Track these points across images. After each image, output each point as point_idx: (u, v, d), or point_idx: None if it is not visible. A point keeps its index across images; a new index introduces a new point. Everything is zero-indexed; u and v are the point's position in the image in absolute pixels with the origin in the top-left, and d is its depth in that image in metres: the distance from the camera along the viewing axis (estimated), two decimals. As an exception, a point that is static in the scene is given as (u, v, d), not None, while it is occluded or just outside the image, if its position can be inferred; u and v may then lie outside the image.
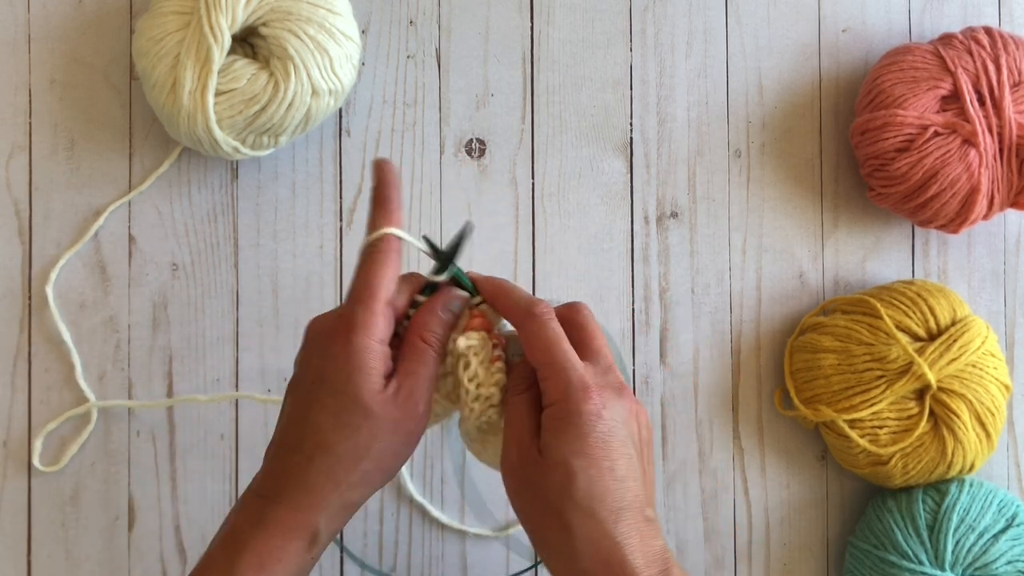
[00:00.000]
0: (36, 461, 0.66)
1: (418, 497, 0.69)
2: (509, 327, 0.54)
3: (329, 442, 0.49)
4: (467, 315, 0.53)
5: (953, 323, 0.68)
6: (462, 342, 0.52)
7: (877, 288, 0.72)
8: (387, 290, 0.51)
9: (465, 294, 0.53)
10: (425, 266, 0.55)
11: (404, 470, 0.69)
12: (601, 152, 0.72)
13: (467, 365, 0.51)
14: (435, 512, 0.69)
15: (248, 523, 0.49)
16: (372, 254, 0.51)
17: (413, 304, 0.53)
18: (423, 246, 0.53)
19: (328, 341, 0.50)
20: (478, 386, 0.52)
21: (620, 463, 0.48)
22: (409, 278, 0.53)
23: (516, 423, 0.50)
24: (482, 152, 0.71)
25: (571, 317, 0.52)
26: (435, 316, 0.52)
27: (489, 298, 0.53)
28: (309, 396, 0.50)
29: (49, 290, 0.67)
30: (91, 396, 0.67)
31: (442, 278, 0.53)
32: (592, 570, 0.46)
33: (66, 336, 0.67)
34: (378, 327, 0.49)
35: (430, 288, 0.53)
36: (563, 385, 0.48)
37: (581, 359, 0.50)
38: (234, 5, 0.62)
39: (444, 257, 0.53)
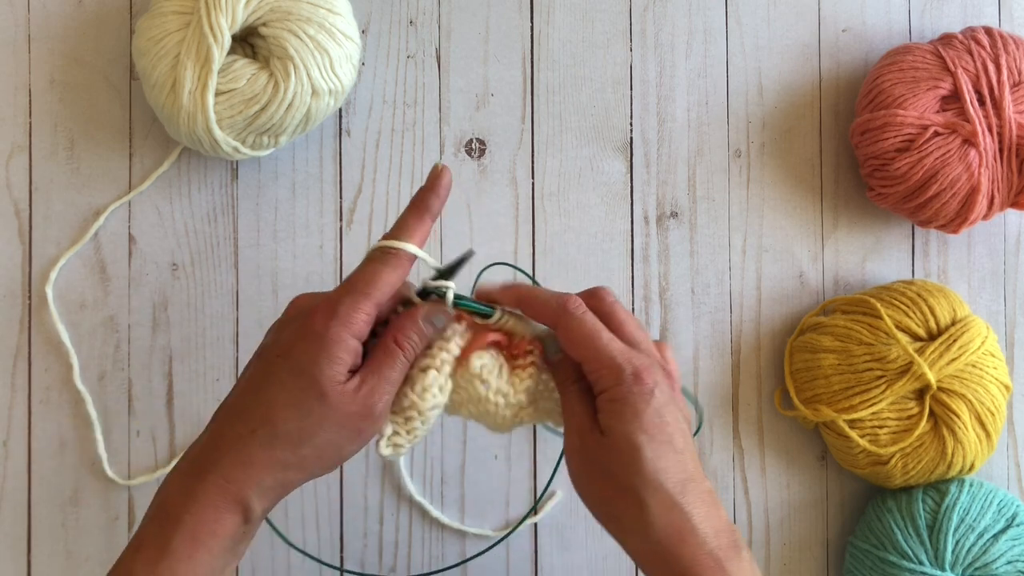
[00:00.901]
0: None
1: (418, 497, 0.69)
2: (536, 327, 0.54)
3: (276, 418, 0.49)
4: (469, 334, 0.53)
5: (953, 323, 0.68)
6: (475, 362, 0.52)
7: (877, 288, 0.72)
8: (382, 293, 0.51)
9: (450, 311, 0.53)
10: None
11: (404, 470, 0.69)
12: (601, 152, 0.72)
13: (485, 383, 0.52)
14: (435, 512, 0.69)
15: (180, 494, 0.49)
16: (385, 255, 0.51)
17: (398, 311, 0.53)
18: (432, 265, 0.53)
19: (305, 320, 0.50)
20: (505, 396, 0.52)
21: (677, 437, 0.50)
22: (401, 287, 0.53)
23: (574, 413, 0.51)
24: (482, 152, 0.71)
25: (597, 306, 0.53)
26: (415, 324, 0.52)
27: (516, 306, 0.54)
28: (270, 368, 0.50)
29: (49, 290, 0.67)
30: (87, 397, 0.67)
31: (439, 284, 0.53)
32: (666, 540, 0.48)
33: (65, 336, 0.67)
34: (358, 323, 0.49)
35: (424, 295, 0.53)
36: (614, 372, 0.50)
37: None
38: (234, 5, 0.62)
39: (442, 274, 0.53)
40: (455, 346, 0.52)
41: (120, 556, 0.49)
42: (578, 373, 0.52)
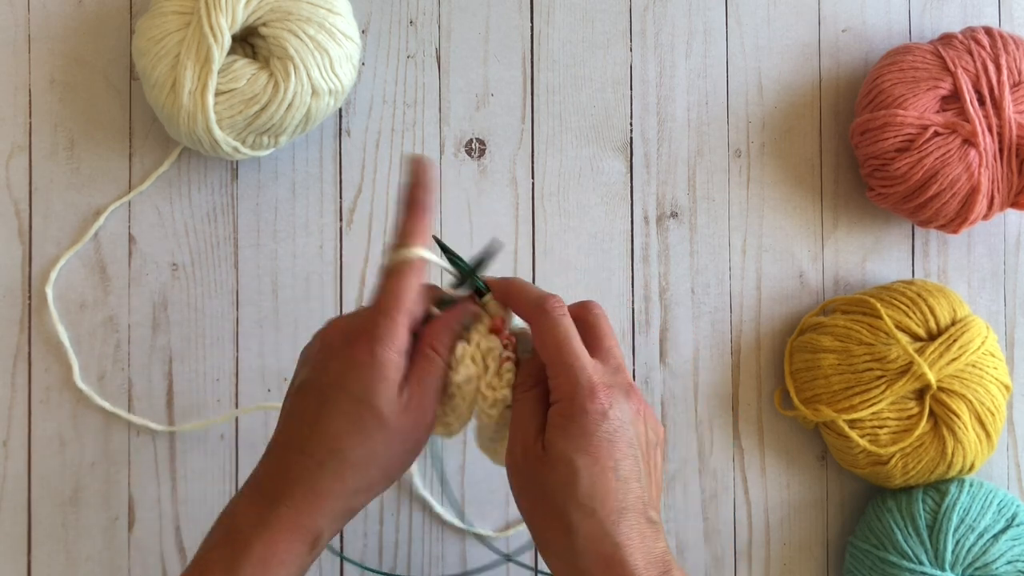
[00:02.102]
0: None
1: (423, 492, 0.69)
2: (519, 324, 0.54)
3: (343, 447, 0.49)
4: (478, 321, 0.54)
5: (953, 323, 0.68)
6: (484, 344, 0.52)
7: (877, 288, 0.72)
8: (410, 302, 0.51)
9: (478, 309, 0.53)
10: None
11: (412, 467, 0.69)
12: (601, 152, 0.72)
13: (487, 369, 0.52)
14: (438, 508, 0.69)
15: (250, 523, 0.49)
16: (401, 266, 0.51)
17: (431, 313, 0.53)
18: (447, 265, 0.54)
19: (350, 349, 0.50)
20: (493, 390, 0.52)
21: (624, 463, 0.48)
22: (428, 289, 0.53)
23: (522, 420, 0.50)
24: (482, 152, 0.71)
25: (583, 316, 0.52)
26: (449, 329, 0.52)
27: (501, 296, 0.53)
28: (325, 399, 0.50)
29: (49, 290, 0.67)
30: (95, 395, 0.67)
31: (461, 292, 0.54)
32: (591, 569, 0.46)
33: (65, 336, 0.67)
34: (400, 339, 0.50)
35: (446, 300, 0.54)
36: (571, 382, 0.48)
37: (592, 357, 0.50)
38: (234, 5, 0.62)
39: (467, 272, 0.54)
40: (482, 325, 0.53)
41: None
42: (540, 377, 0.50)
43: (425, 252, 0.52)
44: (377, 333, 0.49)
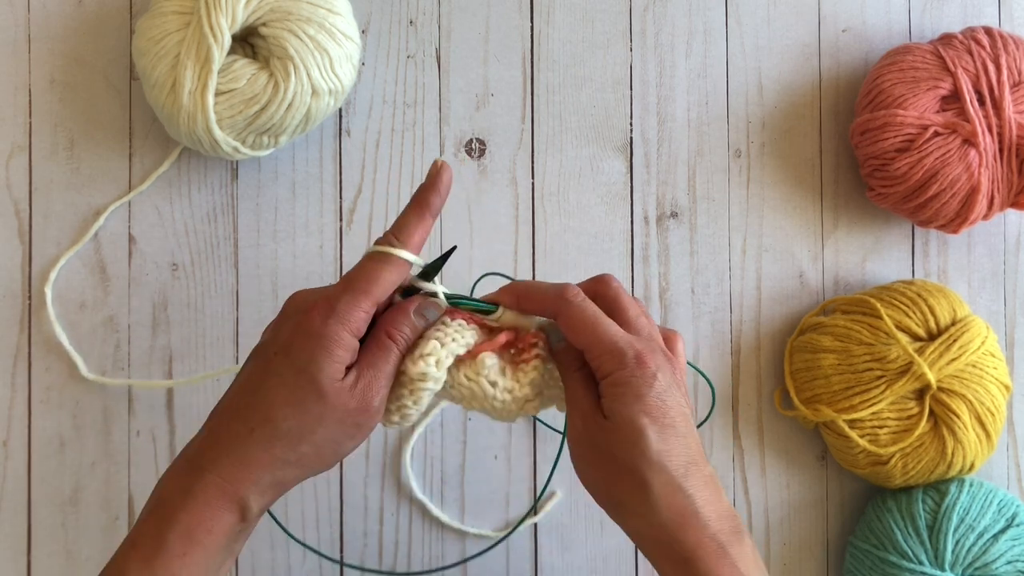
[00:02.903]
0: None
1: (419, 495, 0.69)
2: (538, 320, 0.54)
3: (275, 417, 0.49)
4: (482, 336, 0.53)
5: (953, 323, 0.68)
6: (487, 361, 0.52)
7: (877, 288, 0.72)
8: (381, 292, 0.51)
9: (442, 304, 0.53)
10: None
11: (409, 468, 0.69)
12: (601, 152, 0.72)
13: (493, 383, 0.52)
14: (435, 511, 0.69)
15: (177, 492, 0.49)
16: (385, 255, 0.51)
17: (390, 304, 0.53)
18: (417, 269, 0.54)
19: (304, 317, 0.50)
20: (511, 392, 0.53)
21: (679, 420, 0.50)
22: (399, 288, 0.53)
23: (576, 397, 0.51)
24: (482, 152, 0.71)
25: (601, 292, 0.53)
26: (407, 317, 0.52)
27: (517, 303, 0.54)
28: (268, 366, 0.50)
29: (49, 290, 0.67)
30: (103, 379, 0.67)
31: (429, 286, 0.54)
32: (670, 521, 0.48)
33: (65, 336, 0.67)
34: (356, 320, 0.50)
35: (409, 292, 0.54)
36: (615, 357, 0.50)
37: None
38: (234, 5, 0.62)
39: (426, 270, 0.54)
40: (468, 339, 0.52)
41: (116, 552, 0.49)
42: (581, 360, 0.52)
43: (411, 256, 0.52)
44: (335, 308, 0.49)
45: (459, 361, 0.53)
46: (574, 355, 0.52)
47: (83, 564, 0.67)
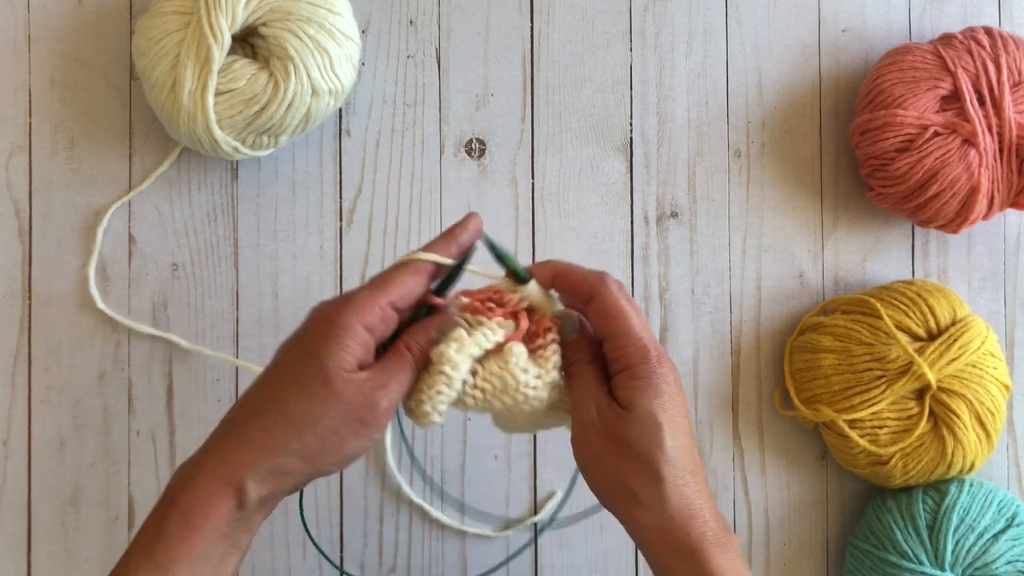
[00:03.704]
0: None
1: (416, 499, 0.69)
2: (556, 306, 0.55)
3: (280, 399, 0.49)
4: (505, 330, 0.53)
5: (953, 323, 0.68)
6: (516, 349, 0.52)
7: (877, 288, 0.72)
8: (400, 294, 0.51)
9: (460, 320, 0.53)
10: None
11: (395, 470, 0.69)
12: (601, 152, 0.72)
13: (525, 370, 0.52)
14: (435, 513, 0.69)
15: (180, 479, 0.49)
16: (409, 263, 0.52)
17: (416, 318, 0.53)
18: (468, 267, 0.54)
19: (323, 309, 0.51)
20: (540, 377, 0.52)
21: (686, 421, 0.52)
22: (421, 296, 0.54)
23: (590, 387, 0.52)
24: (482, 152, 0.71)
25: None
26: (426, 331, 0.52)
27: (551, 279, 0.54)
28: (282, 356, 0.51)
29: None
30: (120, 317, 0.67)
31: (448, 297, 0.54)
32: (678, 513, 0.50)
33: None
34: (371, 314, 0.50)
35: (428, 310, 0.54)
36: (640, 349, 0.51)
37: None
38: (234, 5, 0.62)
39: (509, 262, 0.54)
40: (497, 333, 0.52)
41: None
42: (593, 353, 0.53)
43: (435, 257, 0.52)
44: (353, 301, 0.50)
45: (488, 355, 0.52)
46: (586, 347, 0.53)
47: (83, 564, 0.67)
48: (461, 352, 0.51)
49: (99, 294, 0.67)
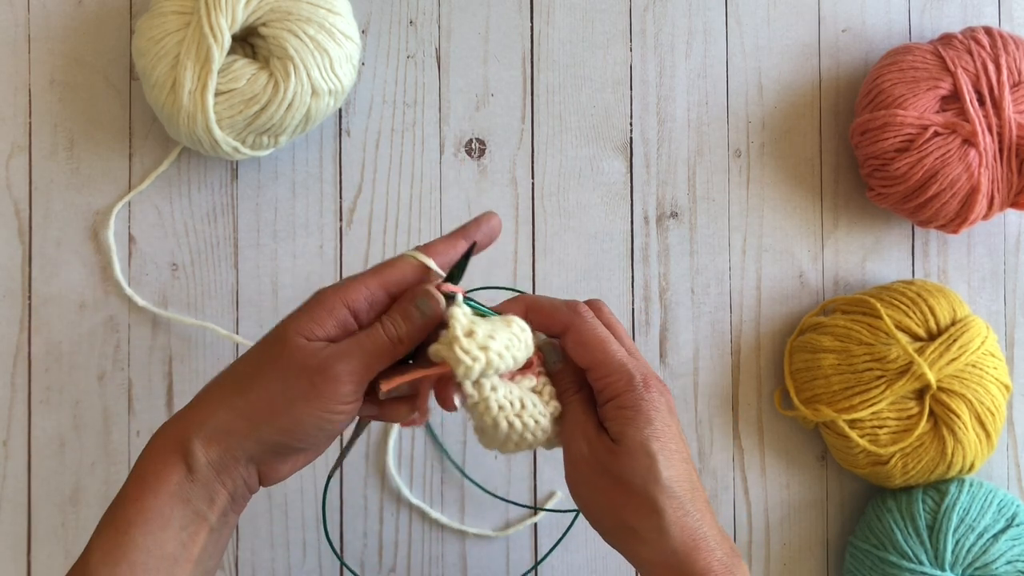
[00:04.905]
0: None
1: (415, 500, 0.69)
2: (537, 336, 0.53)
3: (241, 361, 0.50)
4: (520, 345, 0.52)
5: (953, 323, 0.68)
6: (525, 383, 0.51)
7: (877, 288, 0.72)
8: (390, 278, 0.51)
9: (439, 300, 0.51)
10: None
11: (396, 474, 0.69)
12: (601, 152, 0.72)
13: (524, 406, 0.50)
14: (435, 513, 0.69)
15: (143, 451, 0.50)
16: (402, 255, 0.52)
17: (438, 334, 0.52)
18: (438, 272, 0.53)
19: (314, 294, 0.51)
20: (542, 411, 0.51)
21: (681, 445, 0.50)
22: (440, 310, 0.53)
23: (579, 421, 0.51)
24: (482, 152, 0.71)
25: (600, 317, 0.53)
26: (401, 307, 0.50)
27: (523, 314, 0.52)
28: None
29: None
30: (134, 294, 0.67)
31: (446, 286, 0.53)
32: (681, 546, 0.48)
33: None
34: (355, 292, 0.50)
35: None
36: (624, 378, 0.50)
37: None
38: (234, 5, 0.62)
39: (454, 271, 0.53)
40: (513, 349, 0.50)
41: None
42: (579, 383, 0.52)
43: (424, 258, 0.52)
44: (342, 281, 0.51)
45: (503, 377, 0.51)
46: (572, 377, 0.52)
47: (83, 564, 0.67)
48: (471, 337, 0.48)
49: (103, 294, 0.67)
